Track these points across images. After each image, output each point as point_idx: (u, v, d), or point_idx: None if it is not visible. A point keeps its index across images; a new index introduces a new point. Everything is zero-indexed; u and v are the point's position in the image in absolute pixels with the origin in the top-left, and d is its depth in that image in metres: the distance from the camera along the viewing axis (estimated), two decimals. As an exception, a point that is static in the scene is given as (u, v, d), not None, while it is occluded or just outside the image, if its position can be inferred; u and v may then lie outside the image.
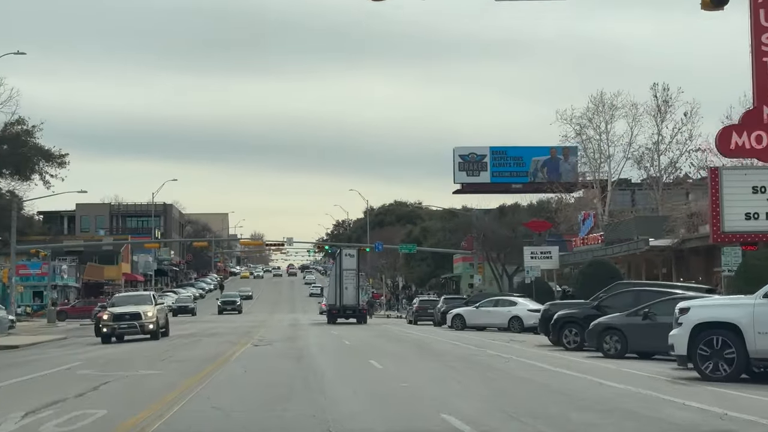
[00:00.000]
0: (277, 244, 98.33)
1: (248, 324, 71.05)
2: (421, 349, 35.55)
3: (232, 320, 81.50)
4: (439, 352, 34.20)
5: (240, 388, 20.89)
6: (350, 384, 21.36)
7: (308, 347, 37.43)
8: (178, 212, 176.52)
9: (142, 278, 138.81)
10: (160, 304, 51.41)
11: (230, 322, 77.74)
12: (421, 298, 77.35)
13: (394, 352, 33.80)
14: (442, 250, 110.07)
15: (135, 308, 46.54)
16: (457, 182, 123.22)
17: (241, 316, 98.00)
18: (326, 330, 56.29)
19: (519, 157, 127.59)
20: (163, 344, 41.77)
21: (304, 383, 21.58)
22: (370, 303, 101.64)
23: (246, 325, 67.26)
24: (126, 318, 45.73)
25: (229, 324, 70.71)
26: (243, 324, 71.22)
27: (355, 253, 75.93)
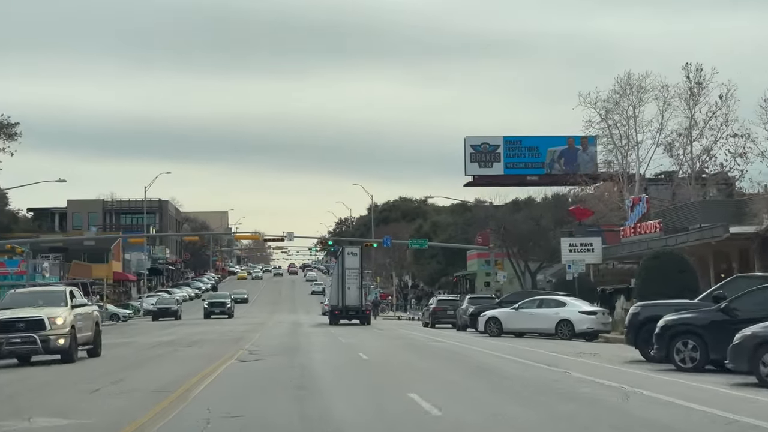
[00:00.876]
0: (276, 239, 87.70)
1: (242, 328, 60.40)
2: (473, 371, 24.76)
3: (225, 324, 70.65)
4: (501, 373, 23.48)
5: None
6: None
7: (313, 366, 26.65)
8: (175, 209, 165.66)
9: (134, 277, 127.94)
10: (83, 306, 32.23)
11: (222, 325, 66.98)
12: (439, 297, 66.48)
13: (436, 375, 23.14)
14: (455, 245, 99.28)
15: (34, 313, 29.27)
16: (468, 174, 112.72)
17: (236, 318, 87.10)
18: (333, 336, 45.58)
19: (534, 147, 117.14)
20: (87, 368, 27.75)
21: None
22: (375, 303, 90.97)
23: (239, 329, 56.64)
24: (17, 327, 28.79)
25: (220, 328, 60.01)
26: (236, 328, 60.57)
27: (358, 252, 69.33)
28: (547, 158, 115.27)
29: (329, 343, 39.34)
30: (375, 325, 68.18)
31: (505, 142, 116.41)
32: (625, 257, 53.02)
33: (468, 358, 29.41)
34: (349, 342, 40.25)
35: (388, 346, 37.67)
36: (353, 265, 67.06)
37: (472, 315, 49.40)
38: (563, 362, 26.78)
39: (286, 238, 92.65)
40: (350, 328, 58.05)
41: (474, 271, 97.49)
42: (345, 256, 67.90)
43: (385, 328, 60.45)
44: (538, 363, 26.64)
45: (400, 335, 47.52)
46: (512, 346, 36.31)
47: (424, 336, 46.06)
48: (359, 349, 34.82)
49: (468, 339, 42.61)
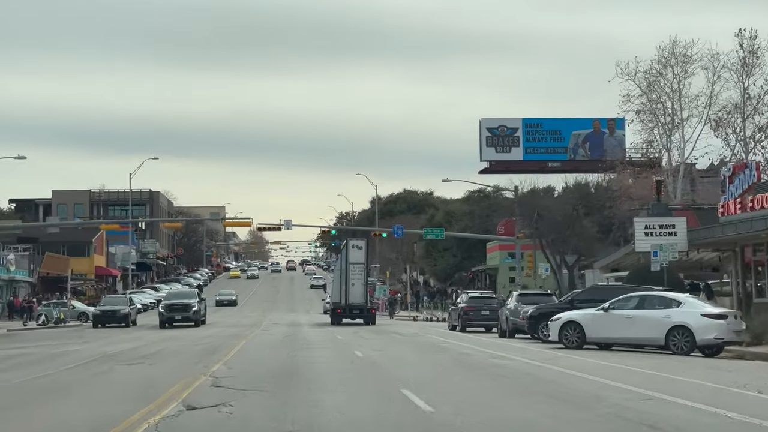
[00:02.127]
0: (271, 228, 73.44)
1: (227, 332, 46.93)
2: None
3: (205, 327, 56.91)
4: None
5: None
6: None
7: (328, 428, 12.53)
8: (167, 201, 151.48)
9: (117, 272, 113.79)
10: None
11: (203, 328, 53.22)
12: (471, 294, 52.25)
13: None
14: (477, 236, 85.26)
15: None
16: (483, 160, 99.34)
17: (224, 319, 73.05)
18: (345, 348, 31.85)
19: (557, 130, 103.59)
20: None
21: None
22: (392, 302, 77.17)
23: (221, 335, 43.10)
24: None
25: (195, 333, 46.16)
26: (218, 332, 46.92)
27: (364, 245, 61.13)
28: (571, 142, 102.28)
29: (342, 362, 25.33)
30: (393, 328, 54.44)
31: (524, 124, 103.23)
32: (727, 241, 38.99)
33: (601, 400, 15.48)
34: (372, 359, 26.34)
35: (434, 366, 23.74)
36: (358, 260, 59.46)
37: (532, 317, 35.34)
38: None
39: (284, 226, 78.66)
40: (363, 333, 44.35)
41: (495, 265, 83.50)
42: (349, 250, 60.00)
43: (406, 332, 46.60)
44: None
45: (436, 345, 33.65)
46: (627, 367, 22.38)
47: (471, 348, 32.08)
48: (396, 374, 20.99)
49: (539, 353, 28.66)
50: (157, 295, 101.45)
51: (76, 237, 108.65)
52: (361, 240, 62.94)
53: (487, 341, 37.14)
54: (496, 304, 49.99)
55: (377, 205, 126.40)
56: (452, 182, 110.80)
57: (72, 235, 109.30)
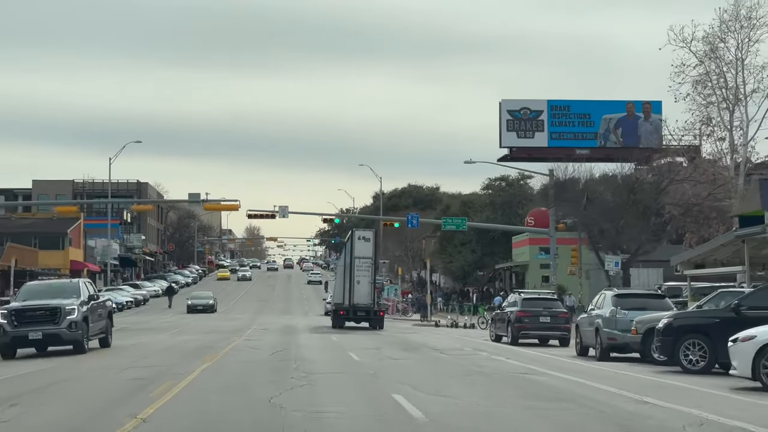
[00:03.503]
0: (265, 215, 59.61)
1: (189, 345, 32.97)
2: None
3: (181, 332, 43.36)
4: None
5: None
6: None
7: None
8: (157, 193, 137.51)
9: (97, 268, 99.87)
10: None
11: (175, 333, 39.62)
12: (526, 294, 38.02)
13: None
14: (507, 227, 71.56)
15: None
16: (504, 146, 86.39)
17: (214, 320, 59.35)
18: (371, 386, 17.80)
19: (586, 114, 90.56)
20: None
21: None
22: (421, 303, 63.58)
23: (187, 346, 29.79)
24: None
25: (150, 347, 32.44)
26: (179, 344, 33.20)
27: (372, 237, 50.75)
28: (601, 127, 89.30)
29: None
30: (419, 337, 40.73)
31: (549, 106, 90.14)
32: None
33: None
34: (442, 423, 12.31)
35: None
36: (365, 253, 49.27)
37: (668, 332, 21.38)
38: None
39: (279, 213, 64.94)
40: (386, 349, 30.71)
41: (524, 262, 69.69)
42: (354, 242, 49.76)
43: (443, 346, 32.95)
44: None
45: (504, 374, 20.11)
46: None
47: (595, 388, 18.07)
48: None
49: (742, 402, 14.76)
50: (136, 293, 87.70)
51: (49, 228, 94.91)
52: (368, 231, 52.09)
53: (583, 367, 23.37)
54: (560, 308, 36.36)
55: (381, 200, 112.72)
56: (472, 167, 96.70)
57: (45, 226, 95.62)
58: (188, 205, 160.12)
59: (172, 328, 47.90)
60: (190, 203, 59.73)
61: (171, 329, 47.12)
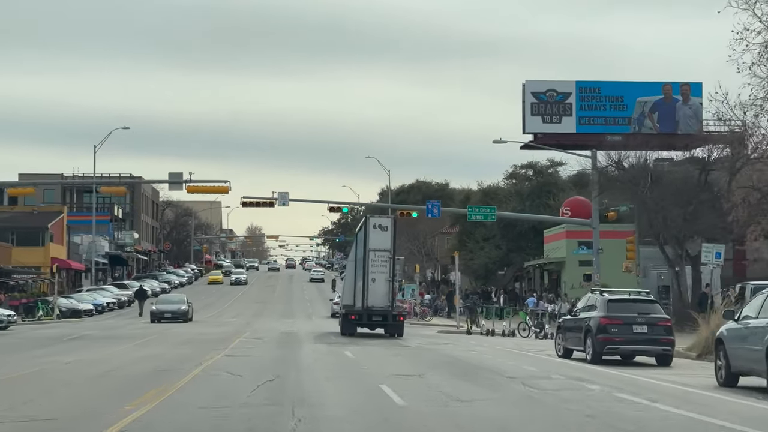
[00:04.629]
0: (262, 203, 48.95)
1: (157, 362, 22.60)
2: None
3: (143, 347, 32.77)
4: None
5: None
6: None
7: None
8: (152, 189, 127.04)
9: (82, 266, 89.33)
10: None
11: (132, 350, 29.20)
12: (612, 295, 26.92)
13: None
14: (540, 216, 61.09)
15: None
16: (527, 132, 75.86)
17: (201, 325, 48.85)
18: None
19: (618, 96, 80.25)
20: None
21: None
22: (471, 308, 53.14)
23: (131, 374, 18.82)
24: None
25: (92, 369, 21.84)
26: (145, 358, 22.75)
27: (390, 225, 40.44)
28: (635, 111, 78.99)
29: None
30: (461, 352, 30.21)
31: (578, 88, 79.91)
32: None
33: None
34: None
35: None
36: (381, 245, 39.49)
37: None
38: None
39: (278, 201, 54.53)
40: (430, 375, 20.12)
41: (559, 258, 59.06)
42: (369, 231, 39.76)
43: (512, 370, 22.14)
44: None
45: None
46: None
47: None
48: None
49: None
50: (120, 293, 77.18)
51: (29, 222, 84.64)
52: (385, 217, 43.72)
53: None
54: (659, 313, 25.83)
55: (390, 195, 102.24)
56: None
57: (24, 220, 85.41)
58: (189, 205, 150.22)
59: (141, 337, 37.43)
60: (170, 184, 48.84)
61: (140, 338, 36.69)
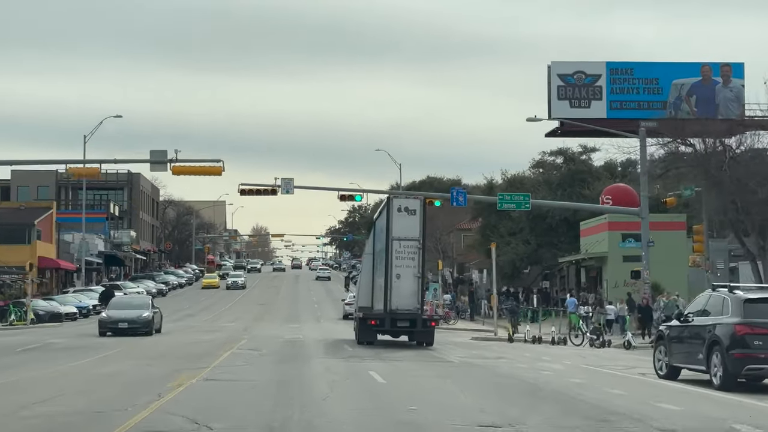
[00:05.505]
0: (262, 190, 40.70)
1: (96, 397, 14.21)
2: None
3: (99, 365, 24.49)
4: None
5: None
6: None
7: None
8: (151, 186, 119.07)
9: (73, 266, 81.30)
10: None
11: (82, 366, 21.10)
12: (750, 293, 18.92)
13: None
14: (582, 205, 53.07)
15: None
16: (554, 117, 67.83)
17: (191, 331, 40.85)
18: None
19: (653, 78, 72.41)
20: None
21: None
22: (512, 310, 45.30)
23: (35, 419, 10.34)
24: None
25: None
26: (92, 383, 14.43)
27: (418, 208, 31.83)
28: (671, 95, 71.01)
29: None
30: (515, 367, 21.88)
31: (609, 69, 72.09)
32: None
33: None
34: None
35: None
36: (408, 233, 31.00)
37: None
38: None
39: (281, 189, 46.50)
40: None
41: (601, 253, 50.65)
42: (392, 216, 31.34)
43: (634, 410, 13.83)
44: None
45: None
46: None
47: None
48: None
49: None
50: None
51: (14, 219, 76.65)
52: (412, 198, 33.14)
53: None
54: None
55: (401, 190, 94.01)
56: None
57: (9, 216, 77.40)
58: (191, 205, 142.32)
59: (110, 347, 29.36)
60: (152, 164, 40.51)
61: (108, 348, 28.71)
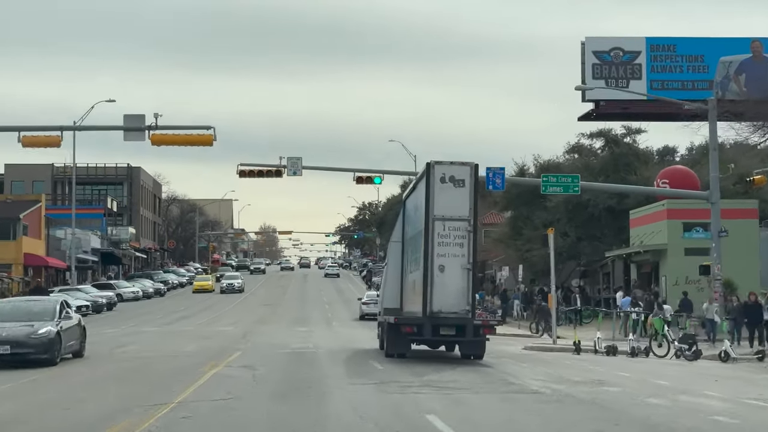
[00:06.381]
0: (266, 171, 32.02)
1: None
2: None
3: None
4: None
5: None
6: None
7: None
8: (153, 181, 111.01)
9: (63, 264, 73.11)
10: None
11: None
12: None
13: None
14: (641, 188, 44.84)
15: None
16: (588, 99, 60.10)
17: (180, 336, 32.64)
18: None
19: (698, 55, 64.83)
20: None
21: None
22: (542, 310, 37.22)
23: None
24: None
25: None
26: None
27: (468, 177, 22.42)
28: (718, 73, 63.41)
29: None
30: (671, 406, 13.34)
31: (649, 46, 64.49)
32: None
33: None
34: None
35: None
36: (455, 210, 22.47)
37: None
38: None
39: (287, 170, 38.42)
40: None
41: (660, 245, 42.19)
42: (434, 188, 22.73)
43: None
44: None
45: None
46: None
47: None
48: None
49: None
50: (100, 295, 60.84)
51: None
52: (460, 165, 23.39)
53: None
54: None
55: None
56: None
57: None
58: (195, 202, 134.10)
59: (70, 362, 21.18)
60: (126, 132, 32.20)
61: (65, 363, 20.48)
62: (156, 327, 41.37)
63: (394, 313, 25.99)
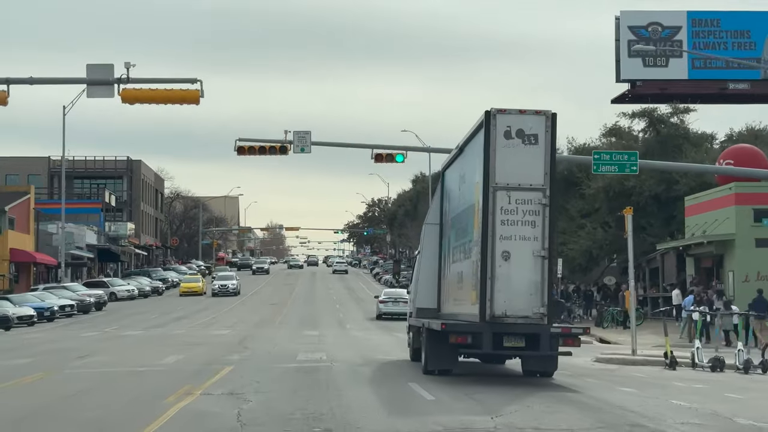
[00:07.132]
0: (273, 147, 25.52)
1: None
2: None
3: None
4: None
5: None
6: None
7: None
8: (154, 175, 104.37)
9: (54, 261, 66.41)
10: None
11: None
12: None
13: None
14: (705, 166, 38.02)
15: None
16: (623, 79, 53.81)
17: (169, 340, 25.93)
18: None
19: (744, 30, 59.16)
20: None
21: None
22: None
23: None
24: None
25: None
26: None
27: (542, 130, 15.73)
28: (766, 51, 56.65)
29: None
30: None
31: (690, 20, 57.94)
32: None
33: None
34: None
35: None
36: (525, 177, 15.81)
37: None
38: None
39: (294, 145, 31.79)
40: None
41: (727, 236, 35.36)
42: (496, 145, 15.71)
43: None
44: None
45: None
46: None
47: None
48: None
49: None
50: (87, 293, 54.18)
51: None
52: (533, 115, 16.21)
53: None
54: None
55: (429, 181, 80.00)
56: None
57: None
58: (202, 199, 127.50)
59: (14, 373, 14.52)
60: (90, 86, 25.67)
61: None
62: (141, 331, 34.76)
63: (430, 314, 19.47)
